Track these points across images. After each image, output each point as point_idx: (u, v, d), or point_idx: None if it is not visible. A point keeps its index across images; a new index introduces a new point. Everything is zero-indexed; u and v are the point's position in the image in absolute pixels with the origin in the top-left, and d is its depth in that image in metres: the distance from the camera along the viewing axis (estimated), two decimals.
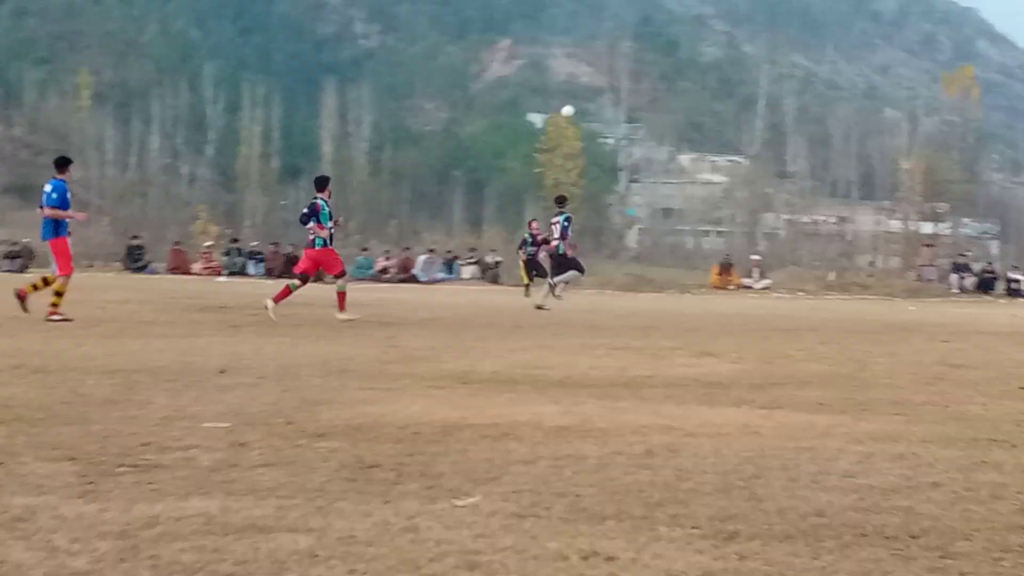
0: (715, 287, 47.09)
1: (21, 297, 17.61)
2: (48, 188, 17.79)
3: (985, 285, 48.09)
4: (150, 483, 5.64)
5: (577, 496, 5.49)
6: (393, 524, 4.82)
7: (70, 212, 18.09)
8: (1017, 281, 47.66)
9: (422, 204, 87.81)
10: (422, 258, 48.33)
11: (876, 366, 12.94)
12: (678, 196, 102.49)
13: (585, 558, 4.39)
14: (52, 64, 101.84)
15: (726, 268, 48.97)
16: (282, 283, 22.54)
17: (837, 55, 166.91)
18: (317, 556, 4.35)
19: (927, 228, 70.63)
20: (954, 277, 48.72)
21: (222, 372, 10.64)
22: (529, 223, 33.70)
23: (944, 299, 42.29)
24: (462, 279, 49.12)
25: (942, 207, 73.61)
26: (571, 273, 25.43)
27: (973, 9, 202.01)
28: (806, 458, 6.62)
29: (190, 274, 45.77)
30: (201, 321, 18.38)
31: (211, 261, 47.93)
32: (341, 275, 19.67)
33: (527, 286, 30.45)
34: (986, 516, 5.27)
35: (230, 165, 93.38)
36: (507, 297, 33.85)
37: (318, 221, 19.11)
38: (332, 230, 19.39)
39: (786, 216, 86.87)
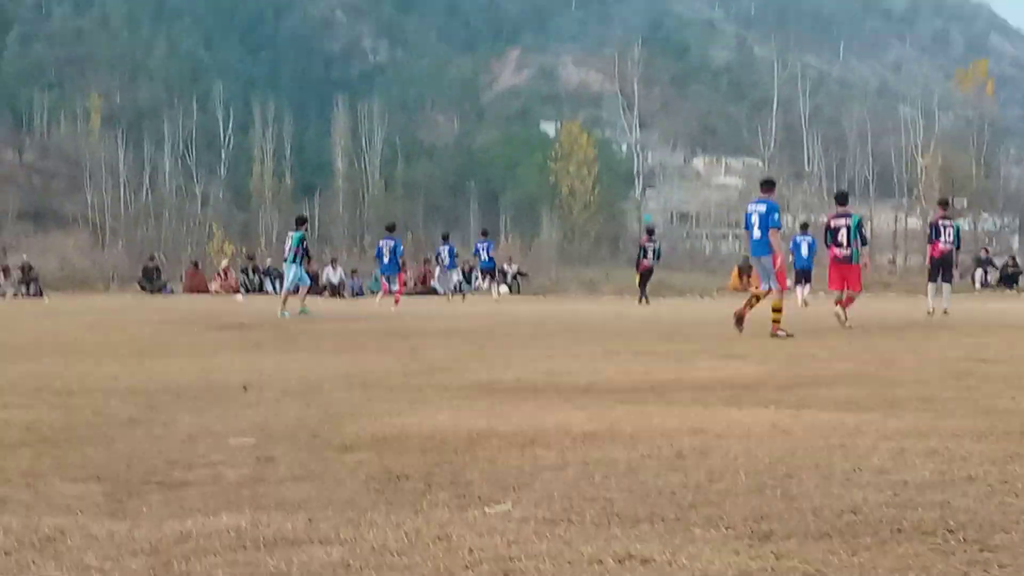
0: (735, 290, 46.96)
1: (739, 318, 18.16)
2: (762, 208, 18.76)
3: (1008, 279, 47.89)
4: (178, 500, 5.63)
5: (608, 500, 5.44)
6: (425, 533, 4.77)
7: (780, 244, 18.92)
8: None
9: (437, 216, 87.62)
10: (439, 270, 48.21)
11: (903, 363, 12.88)
12: (694, 201, 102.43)
13: (620, 561, 4.33)
14: (61, 89, 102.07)
15: (745, 271, 48.81)
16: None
17: (849, 54, 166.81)
18: (350, 566, 4.30)
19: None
20: (977, 272, 48.49)
21: (245, 389, 10.62)
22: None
23: (968, 294, 42.13)
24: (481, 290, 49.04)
25: (961, 203, 73.34)
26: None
27: (985, 4, 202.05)
28: (838, 456, 6.55)
29: (207, 293, 45.79)
30: (221, 340, 18.38)
31: (228, 280, 47.91)
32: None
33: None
34: (1023, 508, 5.20)
35: (244, 184, 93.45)
36: (528, 306, 33.86)
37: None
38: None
39: (803, 217, 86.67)
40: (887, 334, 18.27)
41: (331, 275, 47.34)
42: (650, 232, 39.07)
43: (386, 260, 31.93)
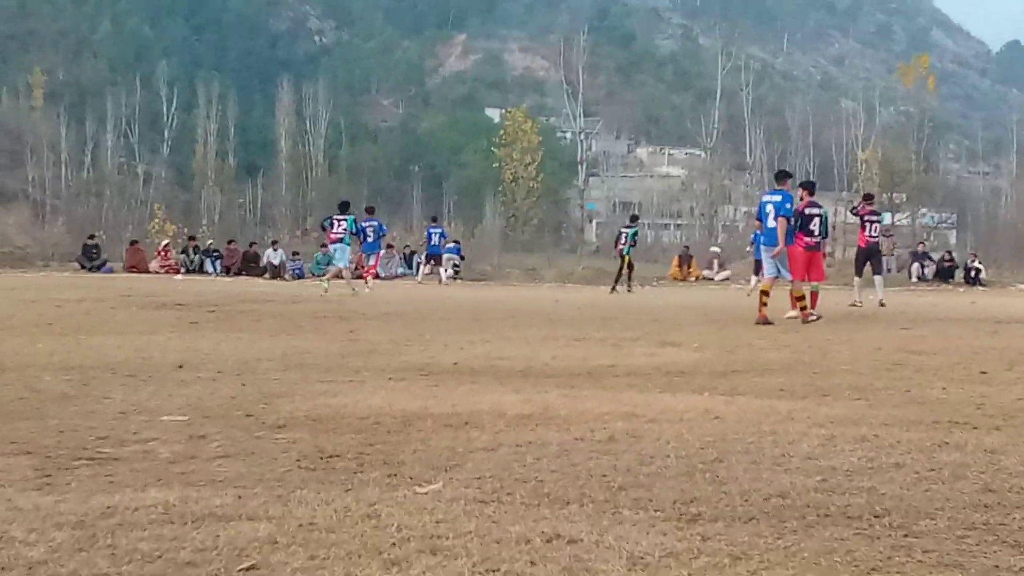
0: (675, 279, 47.14)
1: (763, 319, 18.22)
2: (777, 199, 19.04)
3: (944, 274, 48.27)
4: (107, 475, 5.59)
5: (539, 481, 5.46)
6: (354, 511, 4.78)
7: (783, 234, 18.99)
8: (977, 270, 47.78)
9: (380, 200, 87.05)
10: (381, 253, 48.10)
11: (837, 353, 12.98)
12: (637, 189, 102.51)
13: (548, 541, 4.35)
14: (4, 64, 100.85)
15: (686, 260, 49.02)
16: (240, 280, 22.55)
17: (792, 47, 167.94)
18: (277, 543, 4.30)
19: (885, 218, 70.72)
20: (915, 266, 48.85)
21: (180, 367, 10.58)
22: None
23: (904, 288, 42.45)
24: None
25: (900, 197, 73.78)
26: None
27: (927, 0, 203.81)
28: (768, 442, 6.61)
29: (147, 272, 45.45)
30: (159, 319, 18.25)
31: (168, 259, 47.58)
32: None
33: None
34: (948, 495, 5.27)
35: (186, 163, 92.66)
36: (470, 291, 33.85)
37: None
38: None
39: (745, 208, 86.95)
40: (824, 325, 18.38)
41: (272, 257, 47.13)
42: (633, 219, 38.55)
43: (370, 239, 32.86)
